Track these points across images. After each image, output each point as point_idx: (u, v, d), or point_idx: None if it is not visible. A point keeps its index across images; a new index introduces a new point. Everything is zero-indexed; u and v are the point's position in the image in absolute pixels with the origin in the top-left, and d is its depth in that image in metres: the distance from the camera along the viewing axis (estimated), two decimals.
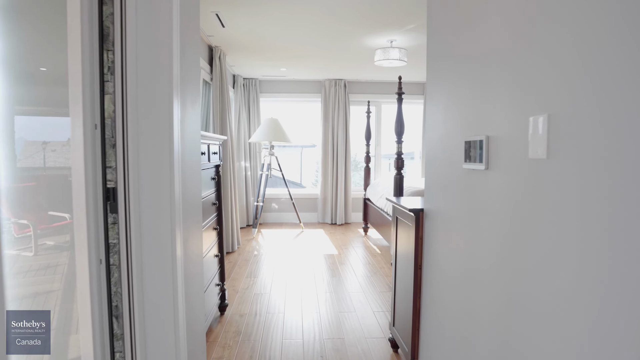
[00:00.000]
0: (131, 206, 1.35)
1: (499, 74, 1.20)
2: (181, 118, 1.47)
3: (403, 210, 2.06)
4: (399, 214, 2.20)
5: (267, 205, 6.57)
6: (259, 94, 6.32)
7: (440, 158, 1.68)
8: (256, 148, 6.38)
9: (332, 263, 4.25)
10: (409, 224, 2.00)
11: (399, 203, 2.10)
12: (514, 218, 1.12)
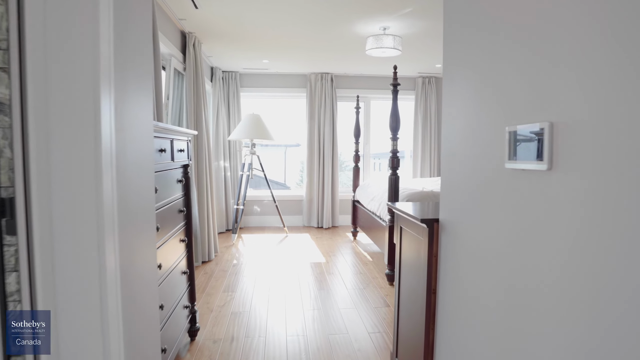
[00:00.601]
0: (35, 222, 0.93)
1: (575, 27, 0.82)
2: (118, 107, 1.05)
3: (411, 219, 1.67)
4: (404, 223, 1.81)
5: (249, 208, 6.13)
6: (239, 89, 5.88)
7: (466, 155, 1.29)
8: (236, 146, 5.94)
9: (319, 273, 3.85)
10: (418, 237, 1.62)
11: (404, 211, 1.72)
12: (600, 244, 0.74)
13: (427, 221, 1.50)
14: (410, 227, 1.72)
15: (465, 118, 1.31)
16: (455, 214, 1.36)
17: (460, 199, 1.33)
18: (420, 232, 1.58)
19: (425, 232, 1.52)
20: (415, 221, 1.60)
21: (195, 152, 3.94)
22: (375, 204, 4.15)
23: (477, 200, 1.22)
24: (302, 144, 6.35)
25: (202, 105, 3.99)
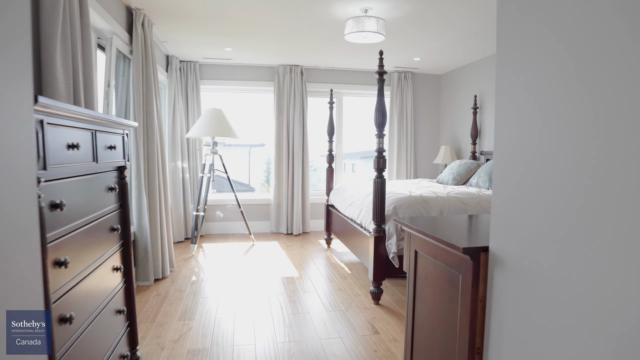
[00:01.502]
0: None
1: None
2: None
3: (437, 244, 1.21)
4: (422, 247, 1.35)
5: (211, 213, 5.52)
6: (199, 81, 5.26)
7: (556, 161, 0.84)
8: (196, 145, 5.31)
9: (292, 291, 3.34)
10: (449, 269, 1.16)
11: (427, 232, 1.24)
12: None
13: (470, 251, 1.03)
14: (433, 254, 1.26)
15: (544, 101, 0.85)
16: (526, 244, 0.91)
17: (538, 224, 0.87)
18: (455, 263, 1.12)
19: (467, 266, 1.06)
20: (448, 248, 1.13)
21: (145, 151, 3.33)
22: (355, 210, 3.69)
23: (576, 230, 0.77)
24: (270, 143, 5.81)
25: (153, 96, 3.38)
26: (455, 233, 1.23)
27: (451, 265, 1.15)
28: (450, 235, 1.20)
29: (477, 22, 3.57)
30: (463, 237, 1.16)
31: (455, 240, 1.10)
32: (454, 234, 1.20)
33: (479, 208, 3.22)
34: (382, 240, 3.02)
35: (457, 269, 1.11)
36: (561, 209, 0.81)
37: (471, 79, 5.32)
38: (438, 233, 1.20)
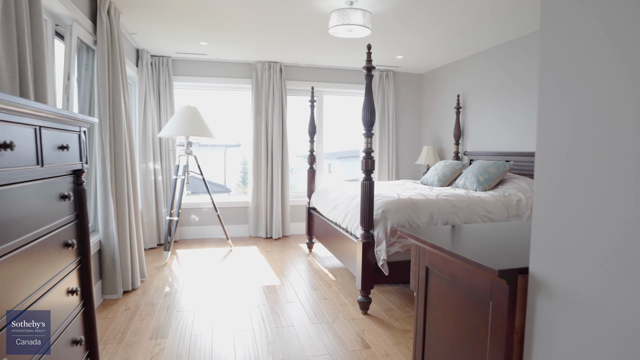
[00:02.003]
0: None
1: None
2: None
3: (462, 264, 1.02)
4: (436, 263, 1.16)
5: (185, 217, 5.22)
6: (172, 77, 4.95)
7: (616, 155, 0.67)
8: (169, 145, 5.01)
9: (274, 301, 3.12)
10: (477, 294, 0.98)
11: (450, 249, 1.06)
12: None
13: (506, 274, 0.85)
14: (452, 274, 1.07)
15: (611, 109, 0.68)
16: (585, 267, 0.73)
17: (603, 243, 0.69)
18: (483, 287, 0.94)
19: (500, 291, 0.88)
20: (474, 268, 0.95)
21: (112, 152, 3.04)
22: (340, 213, 3.51)
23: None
24: (247, 143, 5.56)
25: (121, 92, 3.09)
26: (476, 248, 1.05)
27: (478, 288, 0.97)
28: (470, 250, 1.02)
29: (465, 18, 3.45)
30: (488, 253, 0.98)
31: (484, 259, 0.92)
32: (477, 250, 1.03)
33: (469, 211, 3.09)
34: (371, 246, 2.84)
35: (485, 293, 0.93)
36: (636, 225, 0.64)
37: (453, 79, 5.22)
38: (458, 249, 1.02)
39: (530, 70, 3.92)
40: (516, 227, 1.38)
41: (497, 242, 1.13)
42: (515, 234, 1.27)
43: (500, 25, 3.63)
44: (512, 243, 1.13)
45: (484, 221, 3.08)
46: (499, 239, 1.17)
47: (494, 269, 0.86)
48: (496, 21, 3.52)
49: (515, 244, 1.11)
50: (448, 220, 2.99)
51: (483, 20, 3.48)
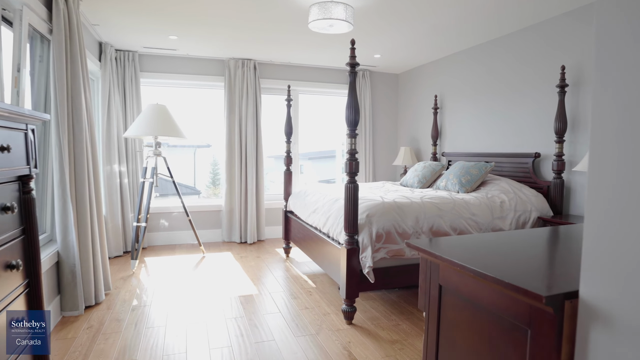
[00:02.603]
0: None
1: None
2: None
3: (492, 285, 0.88)
4: (456, 283, 1.02)
5: (154, 222, 4.92)
6: (138, 73, 4.65)
7: None
8: (135, 146, 4.70)
9: (252, 312, 2.92)
10: (512, 322, 0.84)
11: (479, 269, 0.91)
12: None
13: (553, 300, 0.72)
14: (476, 296, 0.94)
15: None
16: None
17: None
18: (519, 313, 0.81)
19: (543, 320, 0.74)
20: (510, 291, 0.81)
21: (72, 153, 2.76)
22: (320, 217, 3.35)
23: None
24: (220, 144, 5.32)
25: (81, 87, 2.81)
26: (497, 263, 0.92)
27: (511, 314, 0.83)
28: (490, 265, 0.89)
29: (449, 15, 3.37)
30: (516, 271, 0.85)
31: (515, 278, 0.78)
32: (498, 265, 0.89)
33: (455, 213, 3.01)
34: (356, 252, 2.70)
35: (521, 320, 0.80)
36: None
37: (430, 79, 5.18)
38: (481, 265, 0.88)
39: (512, 69, 3.90)
40: (531, 237, 1.27)
41: (518, 255, 1.00)
42: (534, 246, 1.16)
43: (484, 24, 3.57)
44: (535, 257, 1.00)
45: (470, 224, 3.01)
46: (519, 252, 1.05)
47: (540, 295, 0.72)
48: (480, 19, 3.45)
49: (540, 258, 0.98)
50: (434, 224, 2.89)
51: (467, 17, 3.41)
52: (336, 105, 5.94)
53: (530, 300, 0.76)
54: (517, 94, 3.82)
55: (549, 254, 1.00)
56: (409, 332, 2.61)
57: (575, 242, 1.16)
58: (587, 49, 3.16)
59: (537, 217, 3.22)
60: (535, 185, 3.56)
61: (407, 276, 2.86)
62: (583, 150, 3.23)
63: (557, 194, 3.34)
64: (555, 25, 3.42)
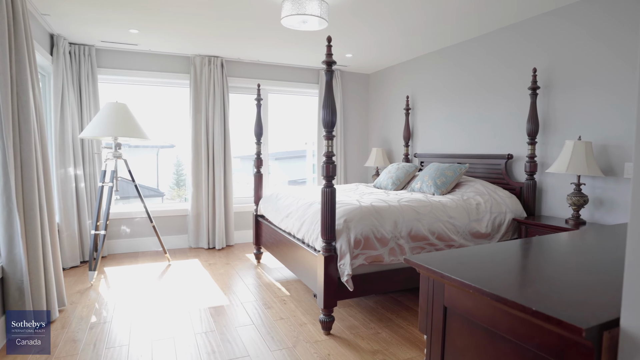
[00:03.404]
0: None
1: None
2: None
3: (514, 312, 0.78)
4: (467, 306, 0.91)
5: (115, 229, 4.61)
6: (95, 69, 4.33)
7: None
8: (93, 147, 4.37)
9: (224, 325, 2.74)
10: (538, 354, 0.74)
11: (502, 295, 0.81)
12: None
13: (592, 332, 0.62)
14: (492, 322, 0.83)
15: None
16: None
17: None
18: (548, 344, 0.71)
19: (578, 354, 0.64)
20: (538, 320, 0.71)
21: (18, 156, 2.48)
22: (294, 222, 3.21)
23: None
24: (185, 144, 5.06)
25: (29, 83, 2.53)
26: (514, 282, 0.82)
27: (537, 345, 0.73)
28: (506, 285, 0.79)
29: (427, 13, 3.28)
30: (539, 294, 0.75)
31: (549, 306, 0.68)
32: (524, 289, 0.79)
33: (432, 217, 2.95)
34: (333, 260, 2.58)
35: (550, 352, 0.70)
36: None
37: (401, 79, 5.15)
38: (498, 287, 0.78)
39: (484, 71, 3.90)
40: (538, 249, 1.19)
41: (533, 273, 0.91)
42: (546, 262, 1.07)
43: (463, 22, 3.51)
44: (553, 275, 0.91)
45: (447, 227, 2.96)
46: (532, 269, 0.96)
47: (579, 327, 0.62)
48: (460, 17, 3.39)
49: (559, 278, 0.90)
50: (412, 228, 2.82)
51: (446, 15, 3.34)
52: (306, 105, 5.81)
53: (565, 332, 0.66)
54: (490, 95, 3.83)
55: (564, 269, 0.91)
56: (389, 341, 2.52)
57: (584, 254, 1.09)
58: (558, 51, 3.19)
59: (512, 219, 3.22)
60: (508, 186, 3.57)
61: (386, 282, 2.77)
62: (554, 151, 3.26)
63: (530, 195, 3.36)
64: (527, 27, 3.45)
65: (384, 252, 2.69)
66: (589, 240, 1.26)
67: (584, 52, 3.00)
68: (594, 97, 2.95)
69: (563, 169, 2.84)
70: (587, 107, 3.00)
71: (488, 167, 3.82)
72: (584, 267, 0.95)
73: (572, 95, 3.10)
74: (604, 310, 0.68)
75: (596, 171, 2.77)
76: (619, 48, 2.78)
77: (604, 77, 2.87)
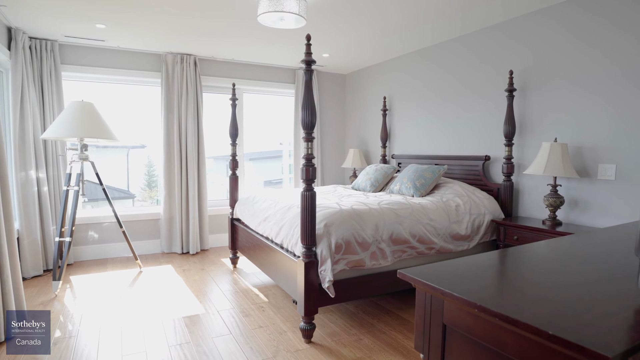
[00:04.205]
0: None
1: None
2: None
3: (527, 334, 0.72)
4: (469, 325, 0.85)
5: (82, 234, 4.37)
6: (59, 66, 4.09)
7: None
8: (57, 149, 4.13)
9: (200, 336, 2.62)
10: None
11: (518, 319, 0.75)
12: None
13: (618, 359, 0.57)
14: (498, 343, 0.77)
15: None
16: None
17: None
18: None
19: None
20: (555, 346, 0.65)
21: None
22: (272, 227, 3.11)
23: None
24: (157, 145, 4.87)
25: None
26: (518, 299, 0.77)
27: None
28: (511, 301, 0.73)
29: (409, 12, 3.23)
30: (551, 312, 0.70)
31: (564, 328, 0.63)
32: (533, 308, 0.74)
33: (413, 219, 2.92)
34: (314, 265, 2.50)
35: None
36: None
37: (379, 80, 5.12)
38: (499, 305, 0.72)
39: (462, 73, 3.91)
40: (537, 257, 1.15)
41: (538, 287, 0.86)
42: (545, 272, 1.03)
43: (445, 22, 3.47)
44: (555, 287, 0.87)
45: (428, 229, 2.93)
46: (534, 281, 0.91)
47: (605, 355, 0.57)
48: (442, 17, 3.35)
49: (564, 291, 0.85)
50: (393, 231, 2.78)
51: (428, 15, 3.30)
52: (282, 105, 5.71)
53: (586, 359, 0.61)
54: (469, 96, 3.85)
55: (569, 282, 0.87)
56: (372, 348, 2.46)
57: (584, 264, 1.05)
58: (535, 54, 3.22)
59: (490, 220, 3.23)
60: (486, 187, 3.59)
61: (368, 287, 2.71)
62: (530, 153, 3.30)
63: (507, 196, 3.38)
64: (504, 29, 3.47)
65: (365, 256, 2.63)
66: (584, 246, 1.23)
67: (560, 54, 3.04)
68: (569, 98, 2.99)
69: (540, 170, 2.86)
70: (562, 109, 3.04)
71: (466, 169, 3.83)
72: (588, 279, 0.91)
73: (548, 97, 3.14)
74: (624, 331, 0.64)
75: (572, 173, 2.81)
76: (596, 51, 2.82)
77: (580, 79, 2.91)
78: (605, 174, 2.79)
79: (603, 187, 2.81)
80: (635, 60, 2.60)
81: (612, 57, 2.72)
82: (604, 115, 2.78)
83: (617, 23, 2.69)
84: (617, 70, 2.70)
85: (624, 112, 2.67)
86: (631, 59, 2.62)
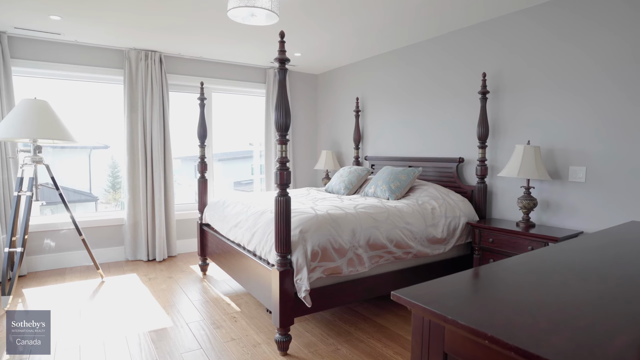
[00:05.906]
0: None
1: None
2: None
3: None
4: (476, 357, 0.77)
5: (36, 243, 4.05)
6: (8, 60, 3.77)
7: None
8: (7, 151, 3.81)
9: (167, 352, 2.45)
10: None
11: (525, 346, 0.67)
12: None
13: None
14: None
15: None
16: None
17: None
18: None
19: None
20: None
21: None
22: (244, 233, 2.97)
23: None
24: (120, 145, 4.60)
25: None
26: (529, 326, 0.70)
27: None
28: (526, 331, 0.66)
29: (386, 11, 3.16)
30: (572, 343, 0.63)
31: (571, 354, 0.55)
32: (552, 338, 0.67)
33: (390, 224, 2.86)
34: (289, 274, 2.39)
35: None
36: None
37: (351, 81, 5.06)
38: (509, 334, 0.64)
39: (436, 74, 3.90)
40: (538, 271, 1.09)
41: (547, 311, 0.79)
42: (547, 292, 0.97)
43: (421, 22, 3.41)
44: (566, 310, 0.80)
45: (405, 234, 2.88)
46: (542, 302, 0.84)
47: None
48: (419, 17, 3.28)
49: (576, 315, 0.78)
50: (370, 236, 2.70)
51: (405, 14, 3.23)
52: (252, 104, 5.55)
53: None
54: (443, 98, 3.84)
55: (577, 302, 0.81)
56: (350, 358, 2.38)
57: (585, 279, 1.00)
58: (507, 56, 3.23)
59: (465, 222, 3.22)
60: (460, 189, 3.59)
61: (345, 294, 2.63)
62: (503, 155, 3.32)
63: (481, 198, 3.39)
64: (478, 31, 3.47)
65: (342, 263, 2.54)
66: (575, 255, 1.18)
67: (533, 57, 3.06)
68: (541, 101, 3.01)
69: (514, 173, 2.87)
70: (534, 111, 3.06)
71: (439, 171, 3.82)
72: (594, 295, 0.85)
73: (520, 99, 3.16)
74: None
75: (544, 175, 2.83)
76: (569, 55, 2.85)
77: (553, 81, 2.94)
78: (576, 176, 2.83)
79: (574, 189, 2.85)
80: (604, 64, 2.64)
81: (582, 61, 2.76)
82: (574, 117, 2.82)
83: (590, 25, 2.72)
84: (587, 74, 2.74)
85: (593, 115, 2.71)
86: (601, 62, 2.66)
